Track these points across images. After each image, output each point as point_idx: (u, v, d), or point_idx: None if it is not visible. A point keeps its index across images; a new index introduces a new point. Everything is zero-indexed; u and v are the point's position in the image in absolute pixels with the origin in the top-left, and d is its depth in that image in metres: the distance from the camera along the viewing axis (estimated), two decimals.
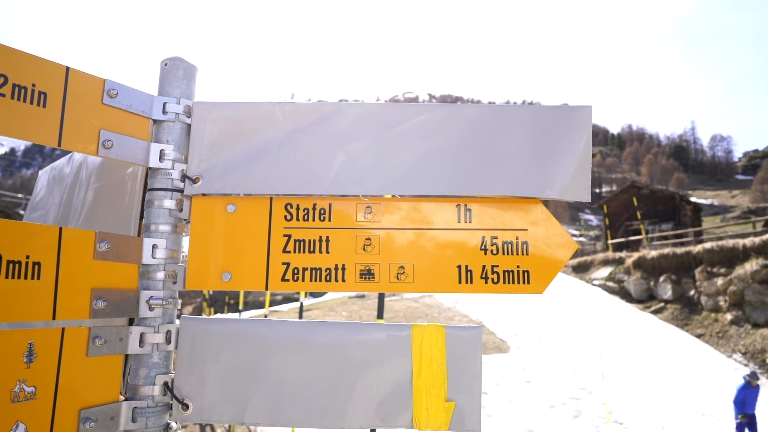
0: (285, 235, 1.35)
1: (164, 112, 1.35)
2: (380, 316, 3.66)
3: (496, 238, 1.36)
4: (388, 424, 1.25)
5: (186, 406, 1.25)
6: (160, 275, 1.29)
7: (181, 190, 1.35)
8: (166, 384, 1.26)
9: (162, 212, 1.32)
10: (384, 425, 1.26)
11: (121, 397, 1.24)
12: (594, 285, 20.83)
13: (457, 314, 16.49)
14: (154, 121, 1.36)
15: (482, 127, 1.38)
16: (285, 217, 1.36)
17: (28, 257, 1.06)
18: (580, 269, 23.68)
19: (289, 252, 1.33)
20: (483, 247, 1.35)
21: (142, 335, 1.25)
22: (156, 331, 1.26)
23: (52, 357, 1.10)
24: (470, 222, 1.37)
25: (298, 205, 1.37)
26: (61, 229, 1.13)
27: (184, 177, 1.35)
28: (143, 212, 1.37)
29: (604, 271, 21.11)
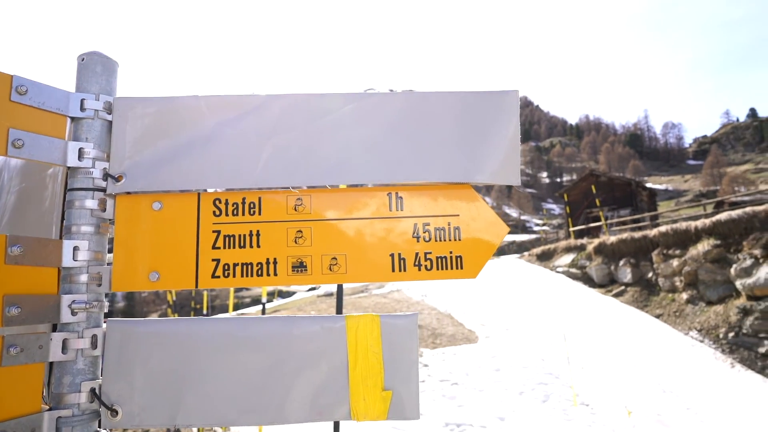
0: (214, 231, 1.32)
1: (82, 108, 1.30)
2: (339, 311, 3.63)
3: (428, 224, 1.36)
4: (326, 417, 1.24)
5: (115, 412, 1.21)
6: (83, 278, 1.25)
7: (103, 189, 1.30)
8: (93, 390, 1.22)
9: (83, 213, 1.27)
10: (322, 418, 1.24)
11: (45, 407, 1.19)
12: (558, 272, 21.31)
13: (426, 307, 16.60)
14: (72, 118, 1.31)
15: (411, 115, 1.38)
16: (214, 212, 1.33)
17: None
18: (544, 257, 24.19)
19: (219, 248, 1.30)
20: (415, 234, 1.36)
21: (65, 341, 1.20)
22: (80, 336, 1.22)
23: None
24: (402, 210, 1.37)
25: (227, 200, 1.34)
26: None
27: (106, 176, 1.30)
28: (64, 214, 1.31)
29: (567, 258, 21.61)
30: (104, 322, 1.29)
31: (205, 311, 10.77)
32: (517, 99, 1.41)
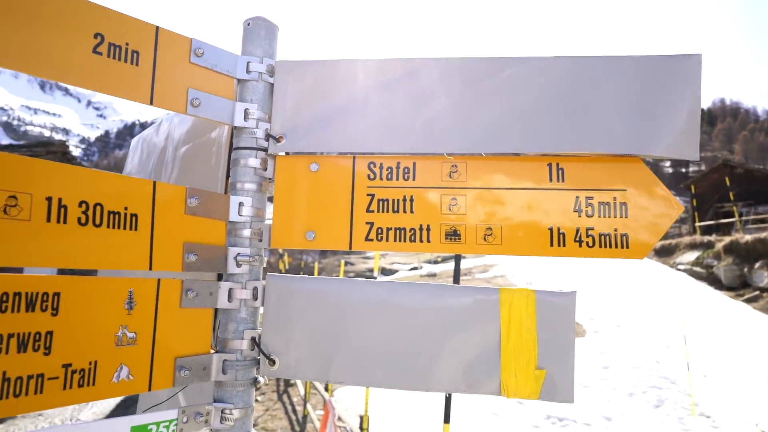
0: (368, 195, 1.32)
1: (248, 71, 1.36)
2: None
3: (591, 198, 1.26)
4: (475, 390, 1.21)
5: (273, 362, 1.27)
6: (247, 233, 1.31)
7: (265, 149, 1.35)
8: (253, 339, 1.28)
9: (247, 171, 1.33)
10: (470, 391, 1.21)
11: (212, 350, 1.28)
12: (679, 270, 19.56)
13: None
14: (238, 80, 1.37)
15: (577, 81, 1.27)
16: (368, 176, 1.33)
17: (126, 209, 1.10)
18: (664, 253, 22.31)
19: (373, 211, 1.31)
20: (577, 208, 1.26)
21: (230, 290, 1.28)
22: (243, 287, 1.29)
23: (150, 306, 1.14)
24: (563, 182, 1.28)
25: (381, 164, 1.33)
26: (155, 183, 1.17)
27: (268, 136, 1.36)
28: (229, 171, 1.39)
29: (691, 256, 19.75)
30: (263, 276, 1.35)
31: None
32: (700, 64, 1.25)
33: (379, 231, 1.30)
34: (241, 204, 1.31)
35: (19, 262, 0.93)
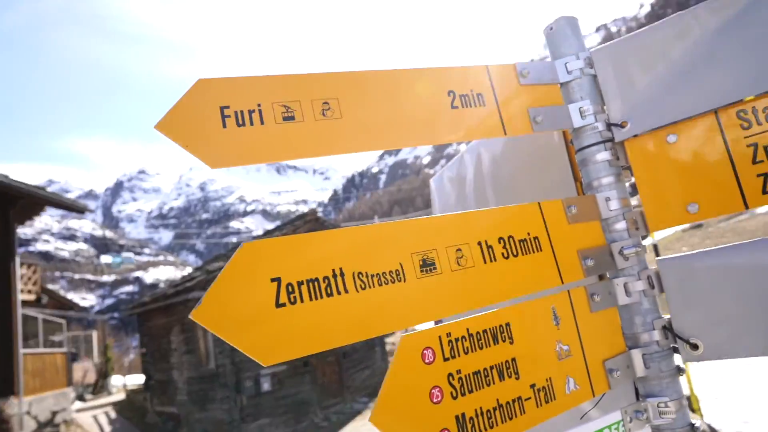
0: (749, 145, 1.19)
1: (568, 72, 1.37)
2: None
3: None
4: None
5: (695, 346, 1.22)
6: (621, 225, 1.30)
7: (611, 140, 1.33)
8: (664, 327, 1.25)
9: (601, 166, 1.32)
10: None
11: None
12: None
13: None
14: (561, 84, 1.39)
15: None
16: (741, 125, 1.20)
17: (528, 234, 1.19)
18: None
19: (762, 161, 1.17)
20: None
21: (625, 285, 1.27)
22: (638, 279, 1.27)
23: (569, 318, 1.20)
24: None
25: (753, 109, 1.19)
26: (539, 204, 1.24)
27: (608, 126, 1.34)
28: (576, 173, 1.41)
29: None
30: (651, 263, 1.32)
31: None
32: None
33: None
34: (607, 199, 1.31)
35: (479, 304, 1.07)
